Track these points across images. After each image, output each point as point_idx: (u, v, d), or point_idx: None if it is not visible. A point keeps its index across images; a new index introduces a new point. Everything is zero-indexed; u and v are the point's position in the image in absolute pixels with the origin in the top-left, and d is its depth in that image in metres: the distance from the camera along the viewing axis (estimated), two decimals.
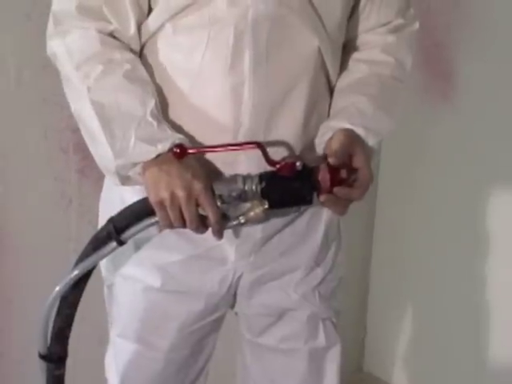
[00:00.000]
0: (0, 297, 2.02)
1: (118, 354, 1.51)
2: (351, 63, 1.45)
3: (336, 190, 1.24)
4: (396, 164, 2.61)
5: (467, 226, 2.35)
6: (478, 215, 2.31)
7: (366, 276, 2.78)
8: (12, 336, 2.05)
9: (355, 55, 1.45)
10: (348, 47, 1.45)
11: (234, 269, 1.42)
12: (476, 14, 2.23)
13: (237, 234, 1.37)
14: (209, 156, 1.31)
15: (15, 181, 1.96)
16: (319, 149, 1.35)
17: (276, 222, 1.40)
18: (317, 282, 1.50)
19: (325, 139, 1.33)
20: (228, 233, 1.34)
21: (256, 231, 1.39)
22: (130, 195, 1.38)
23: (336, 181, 1.25)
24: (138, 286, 1.43)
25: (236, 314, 1.55)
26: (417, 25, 1.49)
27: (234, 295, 1.48)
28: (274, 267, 1.45)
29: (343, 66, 1.44)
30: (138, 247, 1.41)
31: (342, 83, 1.42)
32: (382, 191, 2.67)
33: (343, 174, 1.27)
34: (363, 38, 1.45)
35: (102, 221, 1.48)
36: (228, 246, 1.39)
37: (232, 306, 1.51)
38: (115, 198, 1.43)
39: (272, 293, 1.47)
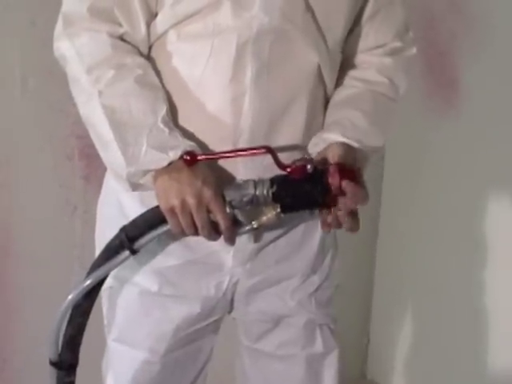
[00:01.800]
0: (4, 303, 2.02)
1: (115, 358, 1.51)
2: (347, 80, 1.46)
3: (344, 183, 1.23)
4: (400, 170, 2.62)
5: (471, 233, 2.35)
6: (483, 222, 2.31)
7: (370, 283, 2.77)
8: (15, 342, 2.06)
9: (351, 73, 1.46)
10: (344, 65, 1.46)
11: (230, 274, 1.43)
12: (479, 21, 2.23)
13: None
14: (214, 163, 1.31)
15: (20, 187, 1.97)
16: None
17: (273, 230, 1.40)
18: (313, 289, 1.50)
19: (316, 150, 1.33)
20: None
21: (252, 239, 1.40)
22: (127, 200, 1.39)
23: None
24: (135, 289, 1.43)
25: (234, 319, 1.55)
26: (414, 49, 1.49)
27: (231, 301, 1.48)
28: (271, 274, 1.45)
29: (339, 82, 1.45)
30: None
31: (336, 98, 1.43)
32: (385, 198, 2.67)
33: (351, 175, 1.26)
34: (360, 57, 1.46)
35: (100, 224, 1.50)
36: (225, 253, 1.40)
37: (229, 312, 1.51)
38: (113, 202, 1.44)
39: (269, 299, 1.47)
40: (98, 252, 1.38)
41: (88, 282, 1.32)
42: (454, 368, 2.45)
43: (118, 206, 1.41)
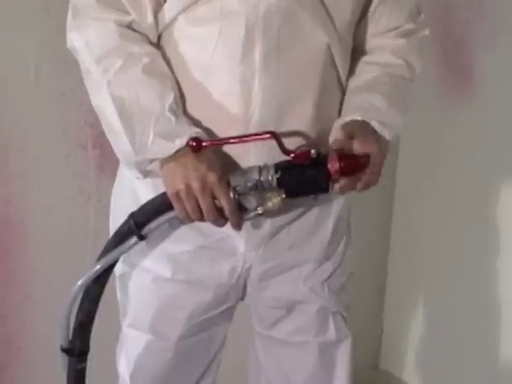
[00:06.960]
0: (19, 292, 2.03)
1: (129, 344, 1.53)
2: (362, 65, 1.46)
3: (341, 180, 1.26)
4: (414, 159, 2.61)
5: (485, 223, 2.34)
6: (497, 211, 2.30)
7: (383, 272, 2.77)
8: (29, 330, 2.06)
9: (365, 58, 1.47)
10: (358, 51, 1.46)
11: (243, 260, 1.43)
12: (495, 9, 2.22)
13: (246, 226, 1.37)
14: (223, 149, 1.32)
15: (34, 176, 1.97)
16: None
17: (285, 215, 1.41)
18: (326, 276, 1.51)
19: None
20: None
21: (265, 224, 1.40)
22: (141, 188, 1.40)
23: (346, 169, 1.25)
24: (148, 276, 1.45)
25: (248, 305, 1.56)
26: (427, 31, 1.50)
27: (244, 287, 1.49)
28: (284, 260, 1.46)
29: (353, 69, 1.45)
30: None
31: (353, 84, 1.43)
32: (399, 186, 2.67)
33: (353, 162, 1.27)
34: (373, 41, 1.46)
35: (114, 213, 1.52)
36: (237, 238, 1.40)
37: (242, 298, 1.52)
38: (127, 191, 1.45)
39: (281, 285, 1.48)
40: None
41: (97, 267, 1.34)
42: (468, 358, 2.45)
43: (132, 194, 1.43)
